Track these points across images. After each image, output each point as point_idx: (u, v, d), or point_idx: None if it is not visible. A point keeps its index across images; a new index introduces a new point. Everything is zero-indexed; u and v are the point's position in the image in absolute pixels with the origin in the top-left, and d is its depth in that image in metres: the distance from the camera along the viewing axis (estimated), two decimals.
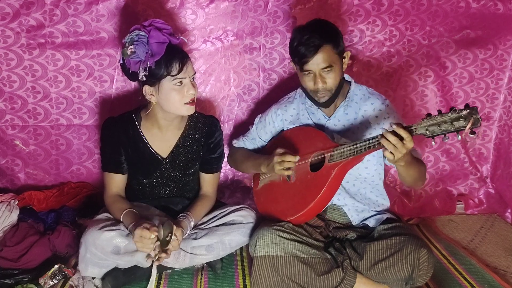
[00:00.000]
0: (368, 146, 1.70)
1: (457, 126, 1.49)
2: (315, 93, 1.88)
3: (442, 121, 1.52)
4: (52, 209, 2.33)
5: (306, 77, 1.87)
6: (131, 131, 2.01)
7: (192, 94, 1.86)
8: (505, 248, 2.30)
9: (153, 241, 1.73)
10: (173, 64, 1.80)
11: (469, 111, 1.47)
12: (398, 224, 1.94)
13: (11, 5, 2.19)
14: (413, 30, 2.43)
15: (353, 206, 2.01)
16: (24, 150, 2.43)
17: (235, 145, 2.28)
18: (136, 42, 1.79)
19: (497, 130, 2.65)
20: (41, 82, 2.32)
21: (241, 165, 2.21)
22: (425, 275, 1.72)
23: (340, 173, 1.82)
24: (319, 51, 1.79)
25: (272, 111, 2.15)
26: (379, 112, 1.94)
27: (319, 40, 1.79)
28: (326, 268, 1.81)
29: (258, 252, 1.78)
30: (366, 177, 1.99)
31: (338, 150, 1.80)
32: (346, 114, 1.97)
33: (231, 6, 2.32)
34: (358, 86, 2.02)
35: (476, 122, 1.46)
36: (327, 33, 1.83)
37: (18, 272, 1.94)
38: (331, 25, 1.90)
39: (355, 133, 1.95)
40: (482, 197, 2.72)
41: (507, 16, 2.43)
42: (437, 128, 1.53)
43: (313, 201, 1.83)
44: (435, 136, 1.55)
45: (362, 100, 1.97)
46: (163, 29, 1.83)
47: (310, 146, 1.93)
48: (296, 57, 1.85)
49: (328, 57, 1.81)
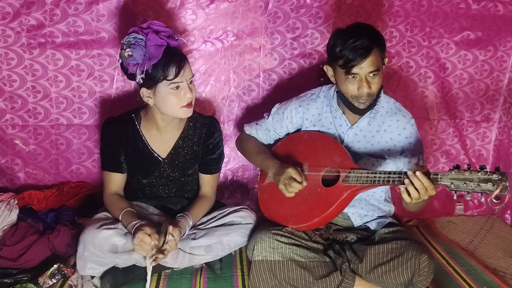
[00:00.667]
0: (388, 180, 1.65)
1: (483, 188, 1.44)
2: (357, 99, 1.81)
3: (469, 179, 1.46)
4: (52, 208, 2.33)
5: (350, 81, 1.78)
6: (130, 131, 2.01)
7: (189, 98, 1.86)
8: (504, 250, 2.30)
9: (152, 247, 1.74)
10: (169, 68, 1.79)
11: (500, 177, 1.42)
12: (400, 228, 1.93)
13: (11, 5, 2.19)
14: (413, 31, 2.43)
15: (357, 212, 2.00)
16: (24, 150, 2.43)
17: (246, 131, 2.19)
18: (133, 45, 1.78)
19: (497, 132, 2.65)
20: (41, 82, 2.33)
21: (249, 157, 2.14)
22: (425, 281, 1.71)
23: (351, 195, 1.78)
24: (370, 54, 1.73)
25: (292, 105, 2.05)
26: (402, 131, 1.90)
27: (370, 43, 1.72)
28: (324, 271, 1.80)
29: (256, 257, 1.77)
30: (375, 191, 1.98)
31: (355, 174, 1.74)
32: (370, 126, 1.92)
33: (231, 7, 2.32)
34: (386, 98, 1.96)
35: (504, 189, 1.41)
36: (375, 37, 1.78)
37: (17, 272, 1.94)
38: (375, 28, 1.84)
39: (374, 146, 1.91)
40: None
41: (507, 17, 2.43)
42: (462, 184, 1.47)
43: (319, 217, 1.79)
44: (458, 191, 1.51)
45: (388, 115, 1.93)
46: (161, 32, 1.82)
47: (326, 158, 1.86)
48: (342, 60, 1.75)
49: (376, 61, 1.75)
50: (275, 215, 1.95)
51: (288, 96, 2.15)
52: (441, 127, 2.61)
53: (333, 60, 1.82)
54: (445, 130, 2.62)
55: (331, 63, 1.86)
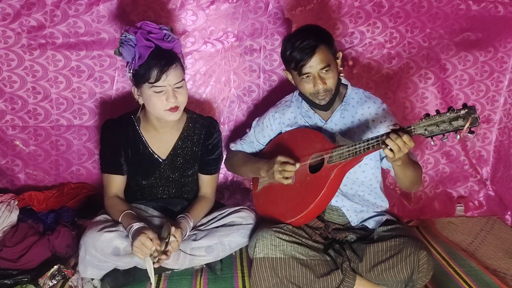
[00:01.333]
0: (367, 146, 1.71)
1: (455, 125, 1.51)
2: (316, 96, 1.89)
3: (440, 121, 1.53)
4: (52, 209, 2.33)
5: (305, 81, 1.87)
6: (130, 132, 2.02)
7: (172, 103, 1.84)
8: (504, 251, 2.30)
9: (152, 251, 1.74)
10: (151, 71, 1.79)
11: (467, 110, 1.48)
12: (398, 225, 1.94)
13: (12, 6, 2.19)
14: (413, 32, 2.44)
15: (352, 207, 2.01)
16: (24, 151, 2.43)
17: (232, 148, 2.29)
18: (122, 44, 1.83)
19: (497, 133, 2.64)
20: (42, 83, 2.33)
21: (239, 169, 2.21)
22: (424, 277, 1.72)
23: (339, 174, 1.82)
24: (316, 52, 1.81)
25: (269, 114, 2.15)
26: (375, 116, 1.95)
27: (314, 42, 1.81)
28: (325, 270, 1.81)
29: (258, 254, 1.78)
30: (363, 181, 1.99)
31: (337, 151, 1.81)
32: (343, 118, 1.98)
33: (231, 8, 2.32)
34: (354, 89, 2.03)
35: (475, 121, 1.47)
36: (320, 34, 1.86)
37: (17, 273, 1.94)
38: (321, 27, 1.93)
39: (352, 137, 1.95)
40: (482, 199, 2.72)
41: (507, 18, 2.43)
42: (435, 128, 1.54)
43: (313, 203, 1.83)
44: (434, 136, 1.57)
45: (359, 104, 1.98)
46: (152, 33, 1.82)
47: (308, 147, 1.93)
48: (293, 63, 1.85)
49: (325, 57, 1.83)
50: (272, 215, 1.98)
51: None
52: None
53: (287, 64, 1.93)
54: None
55: (287, 68, 1.95)
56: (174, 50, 1.89)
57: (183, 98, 1.89)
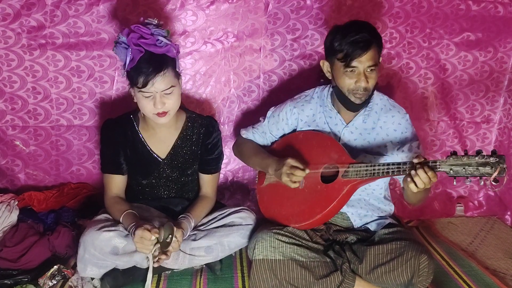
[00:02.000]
0: (387, 171, 1.68)
1: (482, 172, 1.48)
2: (354, 93, 1.83)
3: (467, 163, 1.50)
4: (52, 209, 2.33)
5: (349, 75, 1.81)
6: (129, 132, 2.02)
7: (159, 109, 1.84)
8: (504, 251, 2.30)
9: (153, 243, 1.73)
10: (139, 77, 1.79)
11: (497, 159, 1.46)
12: (400, 229, 1.93)
13: (12, 6, 2.20)
14: (413, 32, 2.44)
15: (356, 212, 2.00)
16: (24, 151, 2.43)
17: (243, 136, 2.21)
18: (116, 45, 1.84)
19: (497, 133, 2.64)
20: (42, 83, 2.33)
21: (247, 159, 2.16)
22: (425, 281, 1.72)
23: (351, 190, 1.80)
24: (370, 48, 1.77)
25: (287, 107, 2.07)
26: (398, 126, 1.92)
27: (370, 37, 1.77)
28: (325, 271, 1.81)
29: (257, 256, 1.78)
30: (374, 189, 1.98)
31: (354, 168, 1.77)
32: (365, 123, 1.94)
33: (231, 8, 2.32)
34: (379, 95, 1.98)
35: (502, 171, 1.45)
36: (374, 33, 1.82)
37: (17, 273, 1.94)
38: (374, 27, 1.88)
39: (371, 144, 1.93)
40: (481, 199, 2.73)
41: (507, 18, 2.43)
42: (461, 169, 1.51)
43: (320, 213, 1.81)
44: (458, 177, 1.54)
45: (383, 111, 1.95)
46: (144, 38, 1.80)
47: (323, 155, 1.88)
48: (342, 53, 1.78)
49: (374, 56, 1.80)
50: (276, 216, 1.96)
51: (289, 97, 2.15)
52: (441, 128, 2.61)
53: (331, 54, 1.85)
54: (445, 131, 2.62)
55: (329, 58, 1.89)
56: (167, 54, 1.85)
57: (173, 103, 1.87)
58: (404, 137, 1.91)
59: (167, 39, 1.85)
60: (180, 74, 1.94)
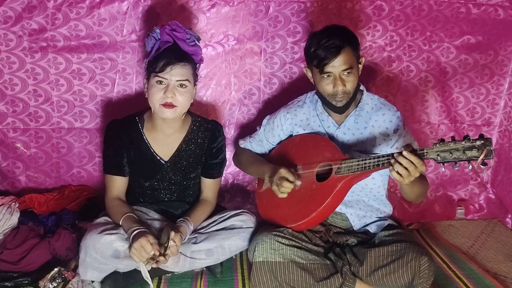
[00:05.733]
0: (377, 163, 1.69)
1: (469, 155, 1.48)
2: (334, 97, 1.87)
3: (454, 148, 1.51)
4: (53, 212, 2.33)
5: (325, 81, 1.86)
6: (134, 133, 2.02)
7: (168, 98, 1.86)
8: (505, 254, 2.30)
9: (149, 256, 1.74)
10: (159, 61, 1.85)
11: (483, 142, 1.46)
12: (400, 230, 1.93)
13: (13, 9, 2.20)
14: (413, 35, 2.44)
15: (355, 213, 2.01)
16: (25, 153, 2.44)
17: (241, 145, 2.26)
18: (148, 35, 1.92)
19: (498, 136, 2.64)
20: (43, 86, 2.33)
21: (246, 168, 2.20)
22: (425, 283, 1.72)
23: (346, 186, 1.81)
24: (341, 52, 1.80)
25: (281, 114, 2.11)
26: (389, 124, 1.93)
27: (340, 42, 1.80)
28: (325, 274, 1.81)
29: (257, 258, 1.78)
30: (372, 188, 1.99)
31: (346, 164, 1.79)
32: (356, 123, 1.96)
33: (232, 11, 2.33)
34: (370, 95, 2.01)
35: (489, 153, 1.45)
36: (347, 36, 1.85)
37: (18, 275, 1.94)
38: (349, 30, 1.91)
39: (364, 143, 1.94)
40: (482, 202, 2.72)
41: (507, 22, 2.44)
42: (448, 155, 1.51)
43: (315, 211, 1.82)
44: (446, 163, 1.54)
45: (374, 110, 1.97)
46: (176, 31, 1.89)
47: (318, 155, 1.91)
48: (316, 60, 1.84)
49: (349, 59, 1.82)
50: (273, 217, 1.98)
51: (289, 100, 2.17)
52: (441, 131, 2.61)
53: (309, 61, 1.91)
54: (446, 134, 2.61)
55: (308, 65, 1.94)
56: (192, 56, 1.94)
57: (183, 99, 1.89)
58: (397, 134, 1.92)
59: (197, 43, 1.95)
60: (196, 79, 1.98)
